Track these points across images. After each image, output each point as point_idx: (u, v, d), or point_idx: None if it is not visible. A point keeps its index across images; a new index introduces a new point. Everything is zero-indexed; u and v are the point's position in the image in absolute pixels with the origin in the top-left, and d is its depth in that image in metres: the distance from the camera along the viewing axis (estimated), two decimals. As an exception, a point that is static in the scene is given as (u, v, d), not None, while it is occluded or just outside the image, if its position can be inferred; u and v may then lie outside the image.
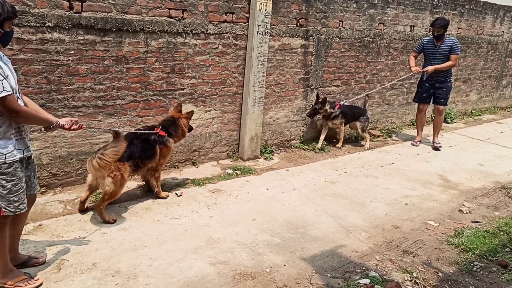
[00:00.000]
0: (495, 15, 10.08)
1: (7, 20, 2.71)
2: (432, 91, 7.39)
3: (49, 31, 4.19)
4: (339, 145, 7.15)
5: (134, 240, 3.84)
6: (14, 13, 2.76)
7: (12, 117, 2.77)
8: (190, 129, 4.92)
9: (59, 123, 3.08)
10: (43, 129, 3.21)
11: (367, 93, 7.49)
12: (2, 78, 2.65)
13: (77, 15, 4.31)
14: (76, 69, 4.45)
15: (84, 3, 4.34)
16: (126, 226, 4.08)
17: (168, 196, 4.76)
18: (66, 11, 4.25)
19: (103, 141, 4.75)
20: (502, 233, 4.52)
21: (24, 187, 2.96)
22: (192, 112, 4.89)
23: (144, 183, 4.90)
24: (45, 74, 4.27)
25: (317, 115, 6.81)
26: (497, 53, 10.56)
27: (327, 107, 6.72)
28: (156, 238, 3.91)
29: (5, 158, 2.78)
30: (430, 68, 7.14)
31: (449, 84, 7.39)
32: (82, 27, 4.36)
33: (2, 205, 2.84)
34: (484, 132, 8.84)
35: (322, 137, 7.05)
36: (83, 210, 4.25)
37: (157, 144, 4.48)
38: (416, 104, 7.79)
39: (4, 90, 2.64)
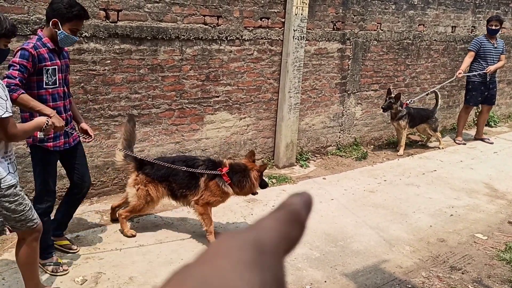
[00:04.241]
0: (542, 13, 9.58)
1: (3, 37, 2.65)
2: (486, 93, 7.44)
3: (86, 41, 4.19)
4: (400, 152, 6.90)
5: (170, 253, 3.77)
6: (13, 31, 2.72)
7: (9, 140, 2.67)
8: (264, 185, 4.17)
9: (49, 122, 2.87)
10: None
11: (433, 89, 7.38)
12: (6, 99, 2.58)
13: (113, 24, 4.29)
14: (112, 78, 4.43)
15: (120, 12, 4.32)
16: (162, 238, 4.01)
17: None
18: (102, 20, 4.24)
19: (138, 150, 4.72)
20: (557, 248, 4.22)
21: (30, 204, 2.83)
22: (265, 166, 4.26)
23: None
24: (82, 84, 4.27)
25: (391, 109, 6.65)
26: (544, 53, 10.03)
27: (398, 103, 6.59)
28: (192, 251, 3.83)
29: (0, 183, 2.65)
30: (492, 67, 7.19)
31: (497, 84, 7.63)
32: (118, 36, 4.34)
33: (9, 224, 2.76)
34: (530, 137, 8.41)
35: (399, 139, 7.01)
36: (115, 220, 4.19)
37: (202, 177, 3.88)
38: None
39: (6, 111, 2.55)
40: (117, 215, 4.05)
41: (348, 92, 6.63)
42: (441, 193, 5.47)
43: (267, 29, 5.46)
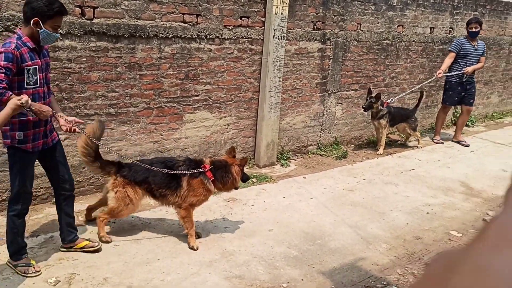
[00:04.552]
0: (518, 15, 9.77)
1: None
2: (463, 93, 7.49)
3: (61, 38, 4.11)
4: (380, 151, 6.95)
5: (147, 253, 3.74)
6: None
7: None
8: (246, 179, 4.27)
9: (23, 100, 2.83)
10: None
11: (419, 88, 7.46)
12: None
13: (89, 21, 4.23)
14: (88, 76, 4.37)
15: (96, 10, 4.26)
16: (139, 238, 3.98)
17: (198, 249, 3.86)
18: (78, 17, 4.18)
19: (116, 149, 4.67)
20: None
21: None
22: (246, 159, 4.31)
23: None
24: (57, 82, 4.20)
25: (372, 109, 6.69)
26: (520, 54, 10.24)
27: (379, 103, 6.63)
28: (169, 251, 3.81)
29: None
30: (469, 68, 7.24)
31: (476, 85, 7.68)
32: (94, 33, 4.28)
33: None
34: (506, 136, 8.56)
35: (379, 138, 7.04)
36: (90, 220, 4.13)
37: (185, 177, 3.84)
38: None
39: None
40: (94, 217, 3.99)
41: (329, 92, 6.66)
42: (419, 192, 5.54)
43: (247, 28, 5.45)
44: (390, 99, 6.94)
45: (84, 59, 4.30)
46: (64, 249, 3.65)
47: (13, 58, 2.95)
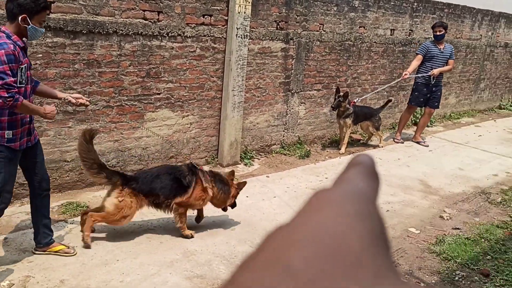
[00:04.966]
0: (474, 19, 10.15)
1: None
2: (429, 95, 7.64)
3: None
4: (342, 150, 7.04)
5: (105, 254, 3.66)
6: None
7: None
8: (233, 205, 4.34)
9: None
10: None
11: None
12: None
13: (45, 16, 4.10)
14: (44, 73, 4.24)
15: (52, 4, 4.13)
16: (98, 239, 3.88)
17: (193, 236, 4.09)
18: (34, 12, 4.04)
19: (73, 148, 4.53)
20: (483, 240, 4.48)
21: None
22: (244, 183, 4.39)
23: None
24: (11, 78, 4.05)
25: (340, 107, 6.76)
26: (475, 57, 10.64)
27: (346, 101, 6.71)
28: (129, 251, 3.73)
29: None
30: (435, 71, 7.38)
31: (442, 88, 7.85)
32: (50, 29, 4.15)
33: None
34: (463, 136, 8.88)
35: (342, 137, 7.10)
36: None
37: (192, 183, 3.96)
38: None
39: None
40: (88, 215, 3.78)
41: (292, 92, 6.71)
42: (379, 190, 5.65)
43: (210, 27, 5.42)
44: (356, 99, 7.05)
45: (40, 55, 4.16)
46: (39, 252, 3.55)
47: (15, 59, 2.95)
